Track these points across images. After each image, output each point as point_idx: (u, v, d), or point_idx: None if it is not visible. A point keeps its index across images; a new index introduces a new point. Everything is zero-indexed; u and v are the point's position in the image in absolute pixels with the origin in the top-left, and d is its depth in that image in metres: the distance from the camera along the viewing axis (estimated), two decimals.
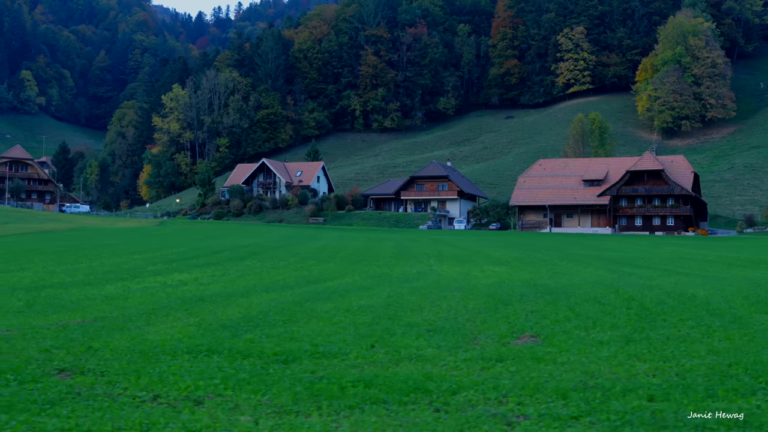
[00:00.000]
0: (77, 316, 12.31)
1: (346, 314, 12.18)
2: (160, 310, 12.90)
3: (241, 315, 12.16)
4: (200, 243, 49.11)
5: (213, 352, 8.79)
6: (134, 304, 13.94)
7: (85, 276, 22.95)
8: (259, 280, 21.72)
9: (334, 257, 36.16)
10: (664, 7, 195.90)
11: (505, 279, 20.93)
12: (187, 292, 17.13)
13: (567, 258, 38.42)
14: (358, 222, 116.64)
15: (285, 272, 25.52)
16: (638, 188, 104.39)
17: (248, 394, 6.92)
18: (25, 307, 13.71)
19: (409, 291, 16.53)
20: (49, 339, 9.73)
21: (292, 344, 9.23)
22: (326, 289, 17.94)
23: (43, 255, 34.55)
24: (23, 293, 16.96)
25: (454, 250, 46.05)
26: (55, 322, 11.48)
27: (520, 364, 8.15)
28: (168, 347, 9.04)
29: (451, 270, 27.68)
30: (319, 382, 7.28)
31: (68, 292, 17.12)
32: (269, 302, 14.09)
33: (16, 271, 24.92)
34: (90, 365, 8.00)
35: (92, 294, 16.56)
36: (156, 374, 7.62)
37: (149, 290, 18.11)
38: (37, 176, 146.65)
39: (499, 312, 12.35)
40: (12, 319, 11.91)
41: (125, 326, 10.97)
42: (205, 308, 13.17)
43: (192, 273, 24.72)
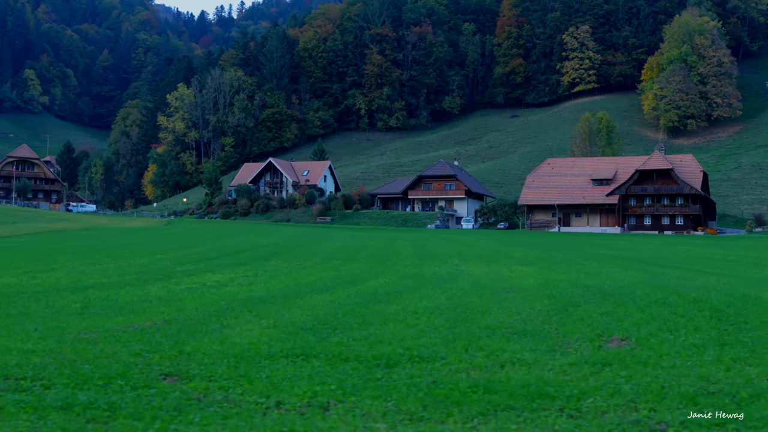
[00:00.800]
0: (142, 318, 12.18)
1: (415, 316, 12.06)
2: (226, 312, 12.77)
3: (309, 317, 12.03)
4: (217, 243, 48.99)
5: (309, 355, 8.66)
6: (192, 306, 13.81)
7: (119, 277, 22.84)
8: (297, 281, 21.59)
9: (357, 257, 36.05)
10: (670, 6, 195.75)
11: (548, 280, 20.79)
12: (235, 293, 17.01)
13: (589, 258, 38.26)
14: (366, 221, 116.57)
15: (317, 272, 25.38)
16: (647, 187, 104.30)
17: (370, 399, 6.79)
18: (82, 309, 13.60)
19: (461, 292, 16.40)
20: (134, 342, 9.61)
21: (384, 348, 9.10)
22: (372, 290, 17.82)
23: (66, 255, 34.46)
24: (69, 294, 16.85)
25: (472, 249, 45.89)
26: (126, 325, 11.36)
27: (628, 368, 8.03)
28: (262, 351, 8.91)
29: (480, 270, 27.54)
30: (437, 387, 7.16)
31: (115, 294, 17.00)
32: (329, 304, 13.96)
33: (48, 272, 24.81)
34: (193, 370, 7.88)
35: (140, 295, 16.43)
36: (265, 379, 7.50)
37: (194, 291, 17.99)
38: (44, 175, 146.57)
39: (571, 314, 12.22)
40: (79, 322, 11.79)
41: (202, 329, 10.84)
42: (269, 310, 13.04)
43: (224, 273, 24.59)
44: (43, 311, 13.39)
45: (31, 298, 15.70)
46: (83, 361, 8.32)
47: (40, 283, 20.37)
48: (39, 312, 13.21)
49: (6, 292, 17.57)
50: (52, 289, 18.22)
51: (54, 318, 12.38)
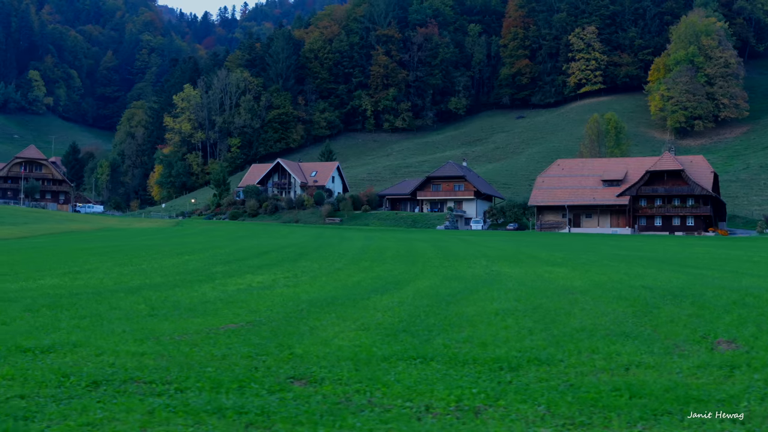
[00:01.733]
0: (220, 320, 12.00)
1: (499, 318, 11.89)
2: (303, 314, 12.58)
3: (393, 319, 11.86)
4: (237, 244, 48.78)
5: (426, 358, 8.51)
6: (262, 308, 13.63)
7: (161, 278, 22.69)
8: (341, 282, 21.43)
9: (383, 258, 35.81)
10: (676, 7, 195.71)
11: (595, 281, 20.62)
12: (292, 294, 16.84)
13: (614, 259, 37.99)
14: (375, 222, 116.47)
15: (355, 273, 25.19)
16: (658, 188, 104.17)
17: (518, 403, 6.64)
18: (151, 311, 13.44)
19: (524, 294, 16.24)
20: (236, 344, 9.44)
21: (496, 350, 8.95)
22: (430, 291, 17.65)
23: (93, 256, 34.31)
24: (125, 295, 16.68)
25: (493, 250, 45.61)
26: (209, 327, 11.18)
27: (758, 371, 7.89)
28: (375, 353, 8.74)
29: (515, 271, 27.32)
30: (578, 391, 7.02)
31: (170, 295, 16.84)
32: (399, 306, 13.76)
33: (87, 273, 24.67)
34: (317, 373, 7.71)
35: (197, 297, 16.26)
36: (397, 382, 7.35)
37: (247, 292, 17.84)
38: (51, 176, 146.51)
39: (657, 316, 12.07)
40: (159, 323, 11.63)
41: (294, 331, 10.66)
42: (345, 312, 12.87)
43: (263, 274, 24.39)
44: (112, 313, 13.23)
45: (91, 300, 15.56)
46: (200, 364, 8.18)
47: (86, 284, 20.22)
48: (109, 314, 13.05)
49: (59, 293, 17.42)
50: (104, 290, 18.08)
51: (129, 320, 12.23)
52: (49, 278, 22.19)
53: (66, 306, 14.30)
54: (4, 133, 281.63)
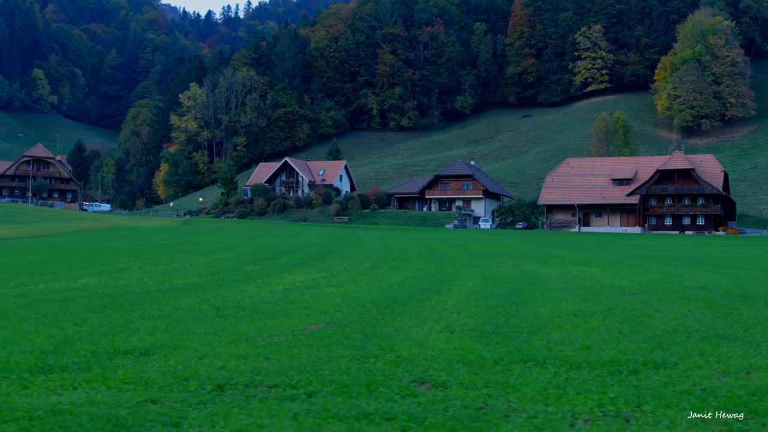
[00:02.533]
0: (299, 321, 11.77)
1: (579, 318, 11.72)
2: (378, 314, 12.40)
3: (473, 320, 11.65)
4: (257, 243, 48.62)
5: (538, 361, 8.34)
6: (330, 308, 13.42)
7: (200, 278, 22.50)
8: (384, 282, 21.22)
9: (409, 258, 35.57)
10: (682, 6, 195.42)
11: (641, 281, 20.48)
12: (345, 294, 16.67)
13: (640, 258, 37.74)
14: (384, 221, 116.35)
15: (391, 273, 24.98)
16: (668, 187, 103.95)
17: (662, 409, 6.47)
18: (218, 312, 13.31)
19: (584, 294, 16.09)
20: (334, 346, 9.27)
21: (603, 353, 8.78)
22: (485, 291, 17.52)
23: (119, 255, 34.17)
24: (177, 295, 16.54)
25: (513, 249, 45.45)
26: (294, 328, 10.95)
27: None
28: (486, 356, 8.60)
29: (550, 271, 27.13)
30: (716, 395, 6.88)
31: (221, 294, 16.70)
32: (466, 306, 13.57)
33: (122, 272, 24.54)
34: (439, 377, 7.56)
35: (251, 297, 16.08)
36: (522, 385, 7.21)
37: (298, 291, 17.71)
38: (59, 175, 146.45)
39: (739, 318, 11.91)
40: (234, 325, 11.45)
41: (380, 332, 10.47)
42: (420, 313, 12.67)
43: (300, 274, 24.20)
44: (179, 313, 13.08)
45: (146, 300, 15.42)
46: (312, 367, 8.02)
47: (129, 284, 20.08)
48: (177, 314, 12.90)
49: (109, 293, 17.29)
50: (152, 290, 17.95)
51: (201, 321, 12.08)
52: (88, 278, 22.06)
53: (127, 306, 14.17)
54: (9, 131, 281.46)
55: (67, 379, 7.54)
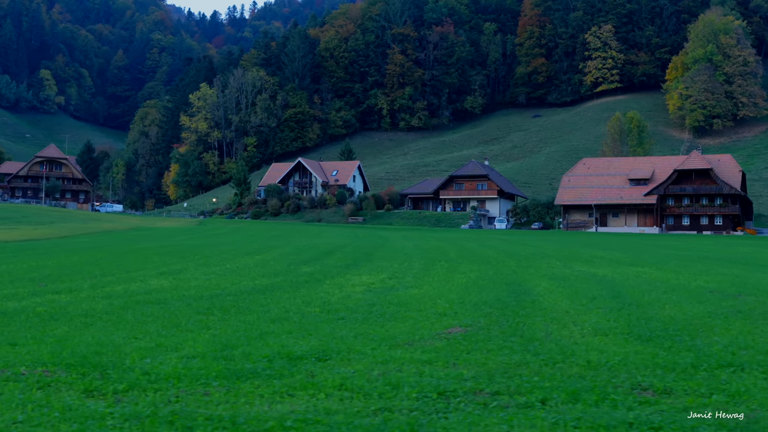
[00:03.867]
0: (433, 325, 11.42)
1: (722, 321, 11.49)
2: (509, 317, 12.22)
3: (615, 323, 11.36)
4: (291, 243, 48.38)
5: (737, 366, 8.11)
6: (449, 311, 13.18)
7: (267, 279, 22.23)
8: (454, 283, 20.98)
9: (451, 258, 35.17)
10: (693, 6, 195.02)
11: (731, 282, 20.21)
12: (436, 295, 16.45)
13: (682, 259, 37.34)
14: (398, 221, 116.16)
15: (452, 275, 24.65)
16: (686, 187, 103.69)
17: None
18: (330, 314, 13.11)
19: (688, 296, 15.83)
20: (508, 352, 9.05)
21: None
22: (575, 291, 17.30)
23: (164, 256, 33.90)
24: (262, 297, 16.33)
25: (548, 250, 45.06)
26: (437, 332, 10.67)
27: None
28: (680, 361, 8.34)
29: (605, 272, 26.83)
30: None
31: (310, 296, 16.47)
32: (588, 309, 13.40)
33: (180, 273, 24.29)
34: (655, 383, 7.32)
35: (341, 299, 15.87)
36: (745, 392, 6.96)
37: (381, 293, 17.43)
38: (71, 175, 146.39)
39: None
40: (375, 328, 11.20)
41: (534, 336, 10.23)
42: (552, 316, 12.41)
43: (361, 275, 23.88)
44: (294, 315, 12.86)
45: (240, 302, 15.23)
46: (509, 372, 7.77)
47: (203, 286, 19.82)
48: (293, 317, 12.68)
49: (191, 294, 17.07)
50: (237, 291, 17.73)
51: (329, 323, 11.85)
52: (155, 279, 21.84)
53: (233, 308, 14.00)
54: (16, 132, 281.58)
55: (271, 386, 7.28)
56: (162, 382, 7.46)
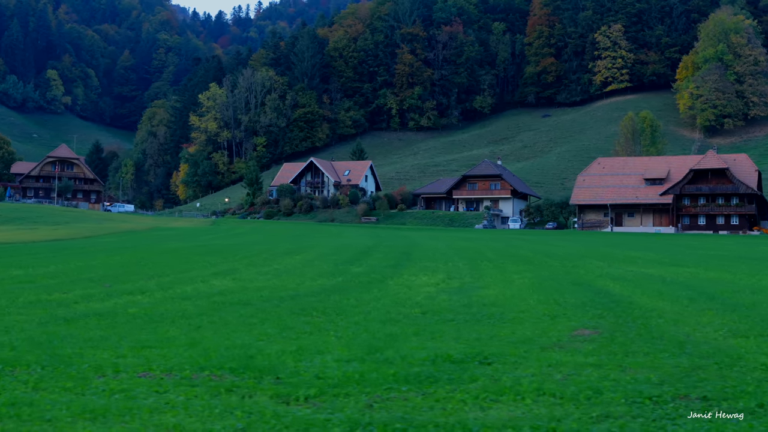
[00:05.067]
0: (551, 327, 11.31)
1: None
2: (631, 320, 12.02)
3: (736, 325, 11.27)
4: (323, 243, 48.17)
5: None
6: (544, 312, 13.05)
7: (325, 279, 22.05)
8: (515, 284, 20.76)
9: (491, 258, 34.89)
10: (703, 5, 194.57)
11: None
12: (523, 296, 16.26)
13: (724, 259, 37.11)
14: (412, 221, 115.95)
15: (508, 276, 24.48)
16: (702, 187, 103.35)
17: None
18: (442, 318, 12.94)
19: None
20: (670, 357, 8.83)
21: None
22: (661, 291, 17.07)
23: (200, 257, 33.70)
24: (343, 297, 16.14)
25: (573, 250, 44.76)
26: (568, 333, 10.55)
27: None
28: None
29: (660, 272, 26.65)
30: None
31: (390, 297, 16.28)
32: (688, 310, 13.24)
33: (233, 273, 24.13)
34: None
35: (432, 300, 15.70)
36: None
37: (457, 293, 17.26)
38: (83, 175, 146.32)
39: None
40: (502, 331, 11.01)
41: (674, 337, 10.07)
42: (677, 318, 12.27)
43: (419, 276, 23.65)
44: (402, 317, 12.70)
45: (324, 302, 15.14)
46: (697, 378, 7.56)
47: (263, 286, 19.66)
48: (395, 318, 12.51)
49: (263, 295, 16.94)
50: (308, 293, 17.53)
51: (445, 323, 11.75)
52: (215, 281, 21.65)
53: (326, 310, 13.86)
54: (23, 132, 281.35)
55: (466, 391, 7.04)
56: (344, 387, 7.24)
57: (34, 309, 14.57)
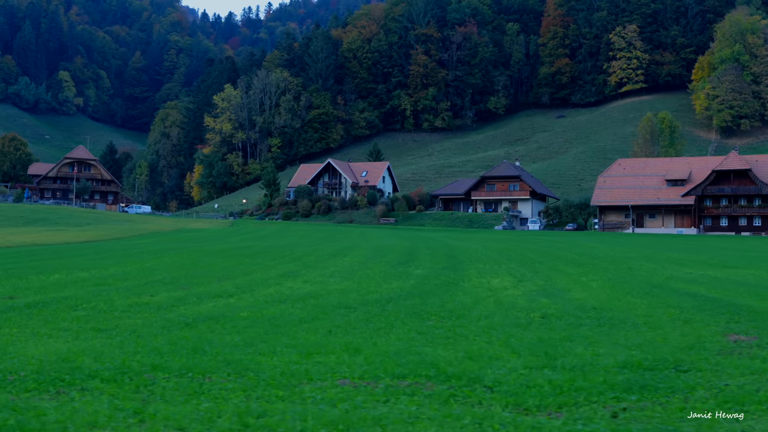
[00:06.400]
0: (696, 330, 11.17)
1: None
2: None
3: None
4: (363, 244, 47.92)
5: None
6: (664, 317, 12.86)
7: (389, 285, 21.83)
8: (593, 284, 20.53)
9: (539, 261, 34.74)
10: (718, 5, 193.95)
11: None
12: (620, 298, 16.04)
13: (760, 260, 36.79)
14: (431, 222, 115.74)
15: (578, 278, 24.26)
16: (724, 188, 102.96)
17: None
18: (544, 318, 12.75)
19: None
20: None
21: None
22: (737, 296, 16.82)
23: (240, 258, 33.52)
24: (423, 300, 15.98)
25: (614, 252, 44.37)
26: (723, 338, 10.39)
27: None
28: None
29: (719, 273, 26.41)
30: None
31: (483, 299, 16.09)
32: None
33: (296, 276, 23.92)
34: None
35: (531, 305, 15.52)
36: None
37: (551, 296, 17.04)
38: (100, 176, 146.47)
39: None
40: (640, 336, 10.81)
41: None
42: None
43: (490, 278, 23.46)
44: (513, 321, 12.52)
45: (421, 305, 14.95)
46: None
47: (344, 289, 19.45)
48: (518, 323, 12.32)
49: (357, 299, 16.73)
50: (396, 297, 17.28)
51: (569, 329, 11.49)
52: (290, 283, 21.47)
53: (443, 315, 13.63)
54: (36, 133, 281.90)
55: (700, 401, 6.85)
56: (567, 396, 7.03)
57: (140, 312, 14.42)
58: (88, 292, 18.19)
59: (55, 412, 6.47)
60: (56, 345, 10.43)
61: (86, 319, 13.52)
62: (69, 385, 7.70)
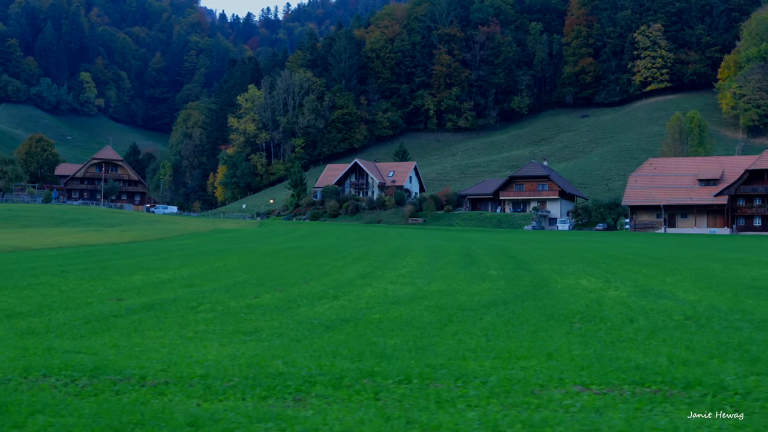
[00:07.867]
0: None
1: None
2: None
3: None
4: (414, 245, 47.64)
5: None
6: None
7: (478, 286, 21.54)
8: (699, 288, 20.16)
9: (603, 262, 34.36)
10: (744, 4, 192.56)
11: None
12: (725, 302, 15.69)
13: None
14: (459, 223, 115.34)
15: (665, 278, 23.87)
16: (758, 187, 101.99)
17: None
18: (687, 320, 12.46)
19: None
20: None
21: None
22: None
23: (300, 258, 33.32)
24: (532, 303, 15.69)
25: (668, 252, 43.86)
26: None
27: None
28: None
29: None
30: None
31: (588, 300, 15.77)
32: None
33: (376, 279, 23.66)
34: None
35: (657, 309, 15.18)
36: None
37: (656, 297, 16.70)
38: (127, 177, 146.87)
39: None
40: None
41: None
42: None
43: (578, 278, 23.13)
44: (645, 325, 12.24)
45: (535, 307, 14.64)
46: None
47: (441, 290, 19.20)
48: (653, 327, 12.04)
49: (471, 301, 16.44)
50: (497, 301, 17.02)
51: (727, 333, 11.22)
52: (376, 284, 21.23)
53: (566, 316, 13.39)
54: (57, 134, 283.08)
55: None
56: None
57: (264, 315, 14.16)
58: (189, 293, 17.99)
59: (315, 420, 6.20)
60: (222, 349, 10.17)
61: (217, 321, 13.28)
62: (286, 391, 7.43)
